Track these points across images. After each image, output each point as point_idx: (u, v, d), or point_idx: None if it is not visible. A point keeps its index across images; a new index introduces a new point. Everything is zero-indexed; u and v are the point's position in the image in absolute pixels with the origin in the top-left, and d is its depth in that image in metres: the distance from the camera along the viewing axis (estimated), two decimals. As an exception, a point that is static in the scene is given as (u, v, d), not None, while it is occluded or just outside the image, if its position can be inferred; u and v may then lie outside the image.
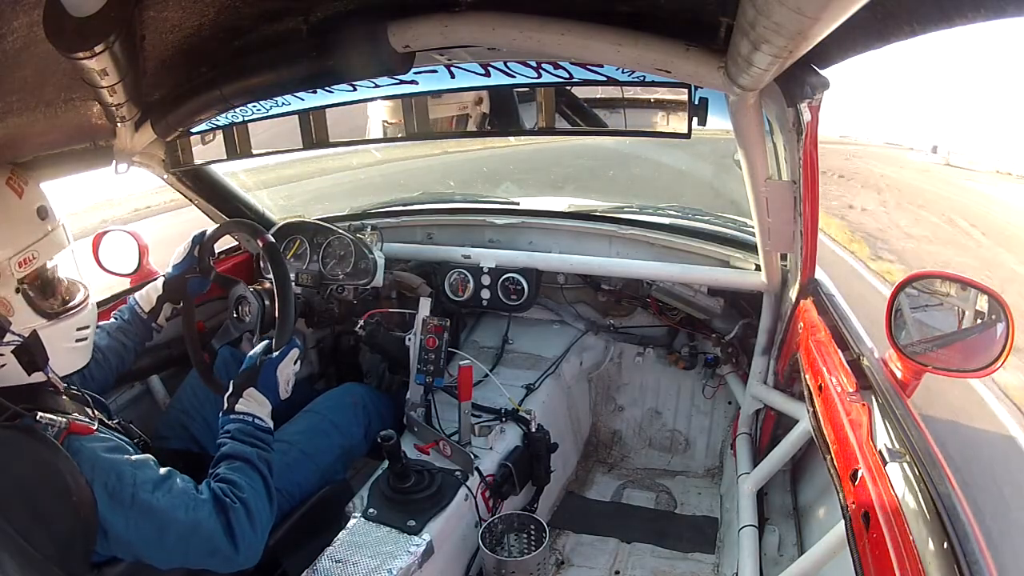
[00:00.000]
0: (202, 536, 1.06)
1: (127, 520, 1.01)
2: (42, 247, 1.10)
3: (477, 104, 1.42)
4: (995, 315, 1.20)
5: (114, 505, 1.00)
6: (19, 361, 1.04)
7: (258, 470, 1.20)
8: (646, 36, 0.89)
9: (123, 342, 1.55)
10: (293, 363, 1.37)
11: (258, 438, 1.24)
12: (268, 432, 1.27)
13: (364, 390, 1.77)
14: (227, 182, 2.13)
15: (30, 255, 1.07)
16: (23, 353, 1.04)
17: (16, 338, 1.03)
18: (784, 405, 1.64)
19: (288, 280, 1.45)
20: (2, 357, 1.04)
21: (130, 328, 1.58)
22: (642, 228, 2.03)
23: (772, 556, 1.54)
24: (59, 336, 1.13)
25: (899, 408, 1.13)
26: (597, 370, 2.31)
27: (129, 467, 1.05)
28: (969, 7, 0.58)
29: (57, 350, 1.11)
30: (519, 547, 1.49)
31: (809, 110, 1.01)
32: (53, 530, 0.94)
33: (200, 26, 0.97)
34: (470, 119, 1.43)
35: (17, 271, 1.06)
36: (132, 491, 1.02)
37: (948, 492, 0.89)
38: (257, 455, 1.21)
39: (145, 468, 1.07)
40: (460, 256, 2.13)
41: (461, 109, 1.43)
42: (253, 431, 1.24)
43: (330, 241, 2.07)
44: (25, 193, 1.10)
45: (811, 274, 1.56)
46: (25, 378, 1.07)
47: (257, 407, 1.27)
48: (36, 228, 1.10)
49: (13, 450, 0.97)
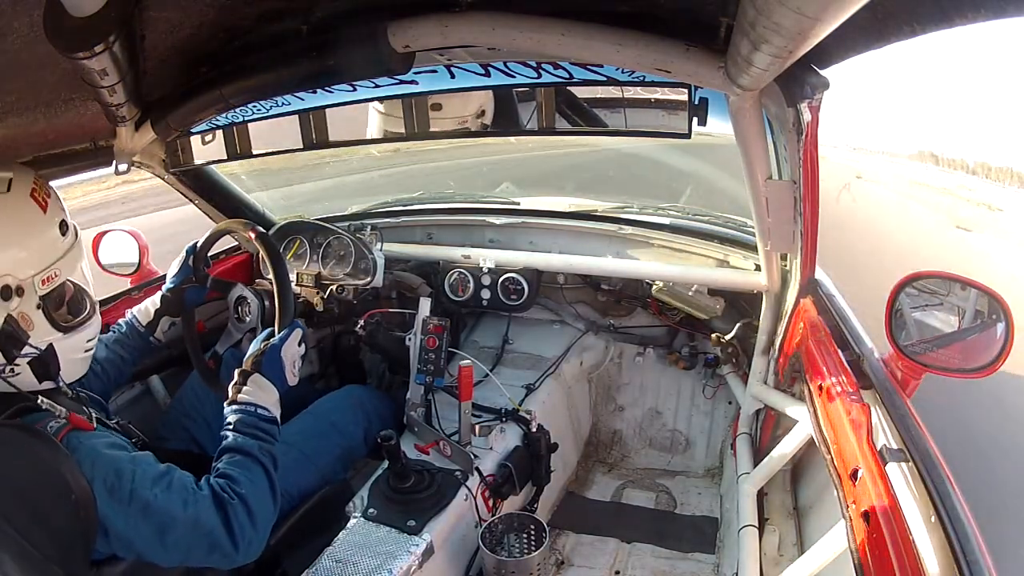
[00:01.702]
0: (201, 532, 1.05)
1: (126, 517, 1.00)
2: (64, 264, 1.10)
3: (478, 117, 1.42)
4: (995, 315, 1.20)
5: (113, 502, 0.99)
6: (33, 372, 1.07)
7: (260, 463, 1.15)
8: (646, 36, 0.89)
9: (121, 355, 1.55)
10: (297, 344, 1.32)
11: (261, 429, 1.19)
12: (272, 422, 1.22)
13: (364, 391, 1.77)
14: (227, 182, 2.13)
15: (53, 273, 1.07)
16: (38, 365, 1.07)
17: (33, 351, 1.06)
18: (784, 405, 1.64)
19: (284, 265, 1.43)
20: (17, 367, 1.05)
21: (128, 341, 1.58)
22: (642, 228, 2.03)
23: (772, 556, 1.54)
24: (71, 348, 1.14)
25: (899, 408, 1.13)
26: (597, 370, 2.31)
27: (128, 463, 1.04)
28: (969, 7, 0.58)
29: (67, 361, 1.13)
30: (519, 547, 1.49)
31: (809, 110, 1.01)
32: (53, 529, 0.94)
33: (200, 26, 0.97)
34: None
35: (40, 288, 1.06)
36: (131, 487, 1.01)
37: (948, 492, 0.89)
38: (259, 448, 1.17)
39: (144, 464, 1.06)
40: (460, 256, 2.13)
41: (461, 123, 1.43)
42: (256, 422, 1.19)
43: (330, 241, 2.07)
44: (49, 207, 1.09)
45: (811, 274, 1.56)
46: (36, 386, 1.09)
47: (262, 395, 1.22)
48: (59, 245, 1.10)
49: (13, 448, 0.97)
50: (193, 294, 1.64)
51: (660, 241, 1.99)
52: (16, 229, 1.04)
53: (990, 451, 3.02)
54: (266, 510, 1.14)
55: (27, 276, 1.04)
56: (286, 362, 1.28)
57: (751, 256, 1.80)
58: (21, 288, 1.03)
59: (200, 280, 1.64)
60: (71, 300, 1.15)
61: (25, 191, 1.06)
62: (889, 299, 1.30)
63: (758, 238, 1.48)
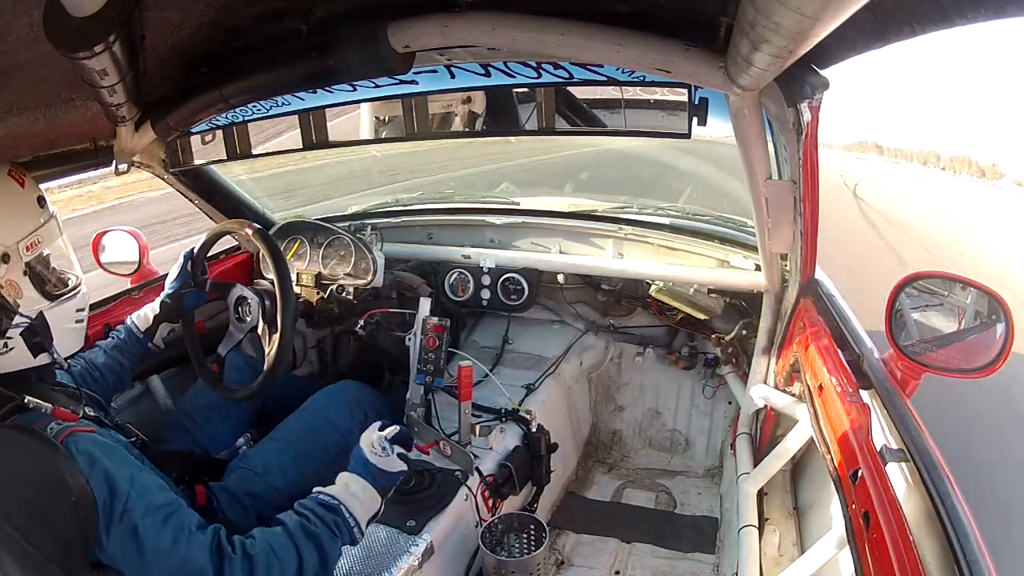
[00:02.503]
0: (189, 572, 0.97)
1: (111, 535, 0.96)
2: (44, 233, 1.16)
3: (465, 103, 1.42)
4: (995, 315, 1.20)
5: (103, 516, 0.96)
6: (26, 343, 1.09)
7: (293, 542, 1.03)
8: (646, 36, 0.89)
9: (120, 361, 1.55)
10: (378, 429, 1.24)
11: (314, 511, 1.08)
12: (331, 510, 1.09)
13: (358, 387, 1.76)
14: (227, 182, 2.14)
15: (35, 240, 1.13)
16: (31, 334, 1.09)
17: (24, 320, 1.09)
18: (784, 405, 1.64)
19: (283, 258, 1.42)
20: (11, 340, 1.07)
21: (127, 347, 1.57)
22: (642, 228, 2.03)
23: (772, 556, 1.54)
24: (61, 317, 1.17)
25: (899, 408, 1.13)
26: (597, 370, 2.31)
27: (126, 484, 0.99)
28: (969, 7, 0.58)
29: (59, 330, 1.16)
30: (519, 547, 1.49)
31: (809, 110, 1.01)
32: (53, 530, 0.93)
33: (200, 26, 0.97)
34: (474, 119, 1.43)
35: (25, 255, 1.11)
36: (123, 508, 0.97)
37: (948, 492, 0.89)
38: (300, 525, 1.06)
39: (142, 489, 1.00)
40: (460, 256, 2.13)
41: (445, 107, 1.43)
42: (314, 506, 1.10)
43: (330, 241, 2.07)
44: (26, 183, 1.16)
45: (811, 274, 1.56)
46: (31, 361, 1.10)
47: (341, 490, 1.12)
48: (38, 215, 1.16)
49: (12, 449, 0.97)
50: (192, 299, 1.64)
51: (660, 241, 1.99)
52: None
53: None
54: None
55: (11, 242, 1.09)
56: (365, 450, 1.20)
57: (751, 256, 1.80)
58: (7, 255, 1.09)
59: (199, 285, 1.64)
60: (56, 271, 1.19)
61: (3, 171, 1.13)
62: (889, 299, 1.30)
63: (758, 238, 1.48)
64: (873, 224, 10.94)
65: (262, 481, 1.43)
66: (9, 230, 1.10)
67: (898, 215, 12.13)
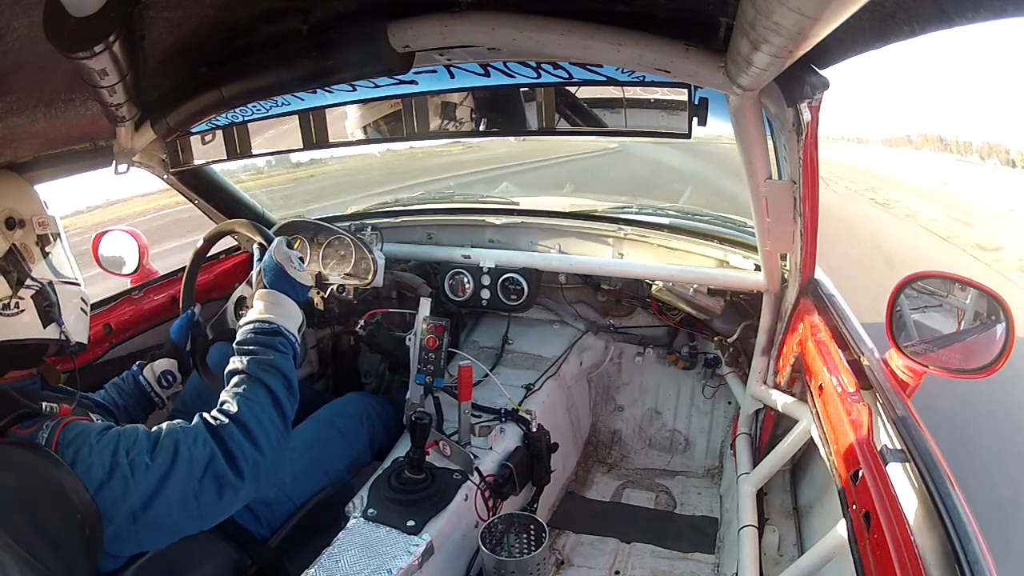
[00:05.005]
0: (199, 468, 0.98)
1: (126, 491, 0.96)
2: (52, 222, 1.20)
3: (461, 103, 1.41)
4: (995, 315, 1.20)
5: (113, 482, 0.96)
6: (37, 308, 1.10)
7: (258, 380, 1.06)
8: (646, 36, 0.89)
9: (115, 399, 1.49)
10: (285, 246, 1.27)
11: (258, 343, 1.10)
12: (273, 333, 1.11)
13: (368, 398, 1.78)
14: (227, 182, 2.14)
15: (46, 220, 1.18)
16: (41, 299, 1.11)
17: (36, 283, 1.10)
18: (784, 405, 1.64)
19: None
20: (22, 302, 1.08)
21: (124, 386, 1.52)
22: (642, 228, 2.03)
23: (772, 556, 1.54)
24: (67, 296, 1.18)
25: (899, 408, 1.13)
26: (597, 370, 2.31)
27: (123, 451, 0.99)
28: (969, 7, 0.58)
29: (67, 308, 1.16)
30: (519, 547, 1.49)
31: (809, 110, 1.01)
32: (59, 547, 0.92)
33: (200, 26, 0.97)
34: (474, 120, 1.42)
35: (37, 228, 1.15)
36: (128, 460, 0.97)
37: (948, 492, 0.89)
38: (255, 364, 1.08)
39: (138, 444, 1.00)
40: (460, 256, 2.13)
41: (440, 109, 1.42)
42: (253, 338, 1.11)
43: (330, 241, 2.07)
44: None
45: (811, 274, 1.56)
46: (40, 331, 1.10)
47: (270, 308, 1.15)
48: (45, 207, 1.21)
49: (15, 466, 0.95)
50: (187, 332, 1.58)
51: (660, 241, 1.99)
52: (12, 183, 1.18)
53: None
54: (268, 428, 1.05)
55: (27, 214, 1.14)
56: (283, 264, 1.22)
57: (751, 256, 1.80)
58: (23, 221, 1.12)
59: (201, 345, 1.58)
60: (58, 259, 1.20)
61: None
62: (890, 300, 1.30)
63: (758, 238, 1.48)
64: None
65: (275, 491, 1.42)
66: (25, 204, 1.15)
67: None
